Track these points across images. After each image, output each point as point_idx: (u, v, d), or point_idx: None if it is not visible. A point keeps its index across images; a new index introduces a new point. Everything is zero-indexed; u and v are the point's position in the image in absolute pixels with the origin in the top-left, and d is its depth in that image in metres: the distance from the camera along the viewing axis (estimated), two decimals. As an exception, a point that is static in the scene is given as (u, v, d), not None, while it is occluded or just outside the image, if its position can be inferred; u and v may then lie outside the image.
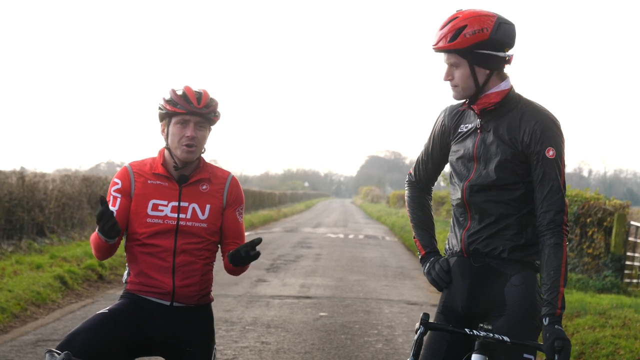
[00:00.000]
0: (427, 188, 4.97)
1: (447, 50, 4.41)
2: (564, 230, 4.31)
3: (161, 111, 4.82)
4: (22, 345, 9.84)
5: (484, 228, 4.47)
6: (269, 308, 13.42)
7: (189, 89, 4.81)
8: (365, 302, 14.50)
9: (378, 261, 23.05)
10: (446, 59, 4.45)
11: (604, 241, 17.15)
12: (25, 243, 19.00)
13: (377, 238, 35.08)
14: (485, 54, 4.40)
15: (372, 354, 10.07)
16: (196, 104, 4.75)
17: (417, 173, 4.95)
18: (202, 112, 4.76)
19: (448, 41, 4.38)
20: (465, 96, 4.49)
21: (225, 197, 4.93)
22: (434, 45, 4.45)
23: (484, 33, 4.36)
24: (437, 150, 4.79)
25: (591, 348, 9.82)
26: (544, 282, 4.22)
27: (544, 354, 4.04)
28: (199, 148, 4.82)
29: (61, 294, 13.89)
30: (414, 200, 4.95)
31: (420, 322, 4.12)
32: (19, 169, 20.97)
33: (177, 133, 4.76)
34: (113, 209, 4.78)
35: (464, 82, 4.45)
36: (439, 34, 4.42)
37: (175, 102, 4.74)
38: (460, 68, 4.43)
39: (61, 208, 22.25)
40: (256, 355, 9.68)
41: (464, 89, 4.46)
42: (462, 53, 4.40)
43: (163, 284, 4.75)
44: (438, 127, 4.76)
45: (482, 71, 4.44)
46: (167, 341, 4.75)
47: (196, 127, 4.77)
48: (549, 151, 4.34)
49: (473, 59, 4.41)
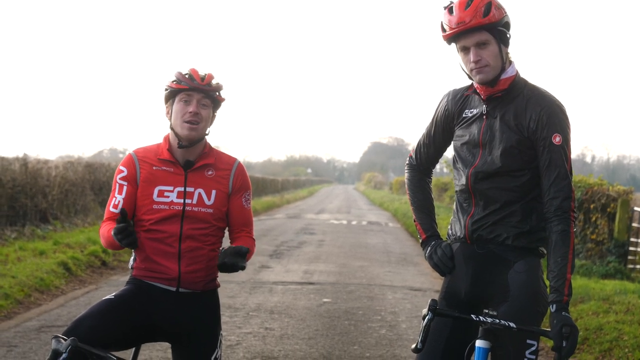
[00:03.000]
0: (428, 171, 4.93)
1: (480, 27, 4.26)
2: (572, 216, 4.28)
3: (166, 91, 4.84)
4: (26, 331, 9.85)
5: (488, 215, 4.44)
6: (273, 294, 13.43)
7: (194, 70, 4.85)
8: (369, 288, 14.51)
9: (381, 247, 23.06)
10: (473, 38, 4.30)
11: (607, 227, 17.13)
12: (28, 229, 19.00)
13: (380, 224, 35.09)
14: (504, 32, 4.36)
15: (376, 339, 10.07)
16: (200, 81, 4.78)
17: (417, 156, 4.90)
18: (205, 89, 4.77)
19: (482, 16, 4.25)
20: (494, 76, 4.36)
21: (231, 183, 4.92)
22: (468, 22, 4.26)
23: (503, 10, 4.32)
24: (439, 133, 4.74)
25: (595, 334, 9.81)
26: (551, 269, 4.20)
27: (551, 340, 4.02)
28: (201, 126, 4.80)
29: (65, 280, 13.91)
30: (414, 183, 4.91)
31: (429, 309, 4.09)
32: (22, 155, 20.97)
33: (180, 110, 4.77)
34: (120, 197, 4.80)
35: (495, 61, 4.34)
36: (466, 12, 4.26)
37: (180, 80, 4.78)
38: (490, 46, 4.32)
39: (64, 194, 22.25)
40: (260, 341, 9.69)
41: (494, 68, 4.35)
42: (492, 29, 4.29)
43: (169, 269, 4.73)
44: (441, 110, 4.70)
45: (505, 50, 4.38)
46: (173, 327, 4.74)
47: (199, 104, 4.79)
48: (556, 137, 4.30)
49: (500, 36, 4.34)
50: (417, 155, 4.91)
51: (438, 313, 4.12)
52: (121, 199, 4.79)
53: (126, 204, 4.79)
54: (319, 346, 9.56)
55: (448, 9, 4.39)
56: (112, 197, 4.84)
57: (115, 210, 4.79)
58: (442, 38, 4.44)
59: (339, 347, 9.55)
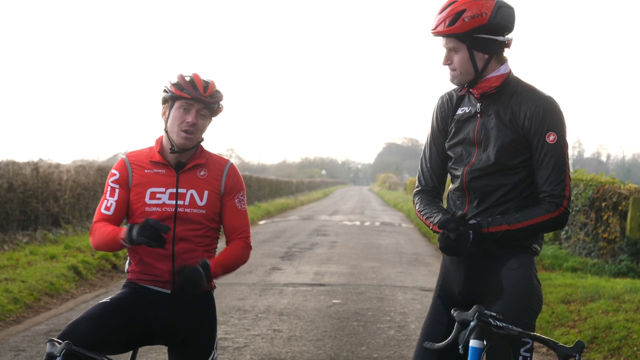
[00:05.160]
0: (436, 191, 4.75)
1: (445, 35, 4.38)
2: (562, 205, 4.31)
3: (166, 94, 4.81)
4: (34, 336, 9.87)
5: (481, 212, 4.44)
6: (282, 296, 13.42)
7: (197, 76, 4.81)
8: (379, 289, 14.48)
9: (393, 248, 23.02)
10: (445, 43, 4.42)
11: (619, 225, 17.03)
12: (40, 234, 19.07)
13: (394, 225, 35.03)
14: (484, 39, 4.37)
15: (384, 340, 10.05)
16: (202, 91, 4.74)
17: (422, 177, 4.77)
18: (207, 101, 4.76)
19: (447, 25, 4.35)
20: (464, 81, 4.46)
21: (223, 184, 4.89)
22: (433, 29, 4.41)
23: (483, 17, 4.32)
24: (439, 138, 4.70)
25: (604, 332, 9.77)
26: (512, 214, 4.33)
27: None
28: (196, 135, 4.80)
29: (75, 284, 13.94)
30: (424, 203, 4.69)
31: (475, 316, 3.88)
32: (36, 160, 21.04)
33: (179, 117, 4.75)
34: (112, 200, 4.81)
35: (463, 67, 4.41)
36: (437, 18, 4.39)
37: (182, 87, 4.74)
38: (459, 53, 4.40)
39: (76, 198, 22.30)
40: (268, 343, 9.68)
41: (462, 74, 4.43)
42: (460, 38, 4.37)
43: (163, 272, 4.73)
44: (437, 113, 4.70)
45: (480, 56, 4.41)
46: (169, 329, 4.74)
47: (198, 114, 4.77)
48: (550, 135, 4.33)
49: (472, 44, 4.38)
50: (420, 177, 4.79)
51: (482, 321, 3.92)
52: (113, 201, 4.81)
53: (118, 207, 4.80)
54: (326, 347, 9.54)
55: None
56: (104, 199, 4.86)
57: (106, 212, 4.80)
58: None
59: (347, 348, 9.53)
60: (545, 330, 10.44)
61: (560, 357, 3.89)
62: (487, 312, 4.01)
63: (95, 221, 4.84)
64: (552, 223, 4.33)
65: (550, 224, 4.33)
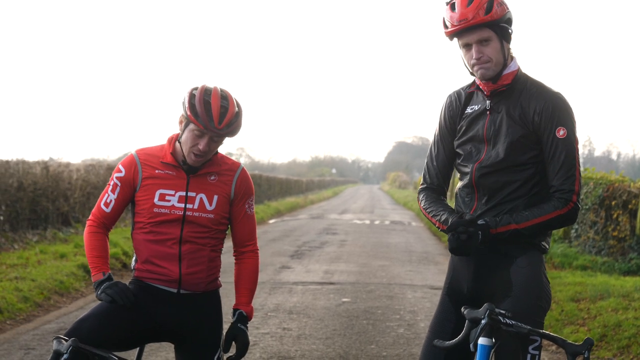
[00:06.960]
0: (441, 189, 4.77)
1: (483, 23, 4.29)
2: (570, 202, 4.29)
3: (183, 109, 4.65)
4: (44, 334, 9.88)
5: (490, 209, 4.43)
6: (292, 294, 13.42)
7: (215, 98, 4.59)
8: (389, 288, 14.47)
9: (403, 246, 22.99)
10: (475, 35, 4.33)
11: (629, 223, 16.94)
12: (50, 233, 19.10)
13: (403, 224, 34.98)
14: (506, 28, 4.37)
15: (394, 338, 10.04)
16: (217, 123, 4.56)
17: (427, 175, 4.78)
18: (220, 133, 4.61)
19: (485, 13, 4.28)
20: (496, 72, 4.39)
21: (234, 188, 4.83)
22: (470, 20, 4.29)
23: (505, 6, 4.33)
24: (446, 136, 4.68)
25: (613, 330, 9.74)
26: (520, 213, 4.32)
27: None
28: (208, 156, 4.72)
29: (85, 282, 13.94)
30: (429, 198, 4.73)
31: (486, 314, 3.87)
32: (46, 159, 21.08)
33: (191, 140, 4.63)
34: (113, 197, 4.81)
35: (497, 57, 4.37)
36: (468, 9, 4.29)
37: (197, 114, 4.55)
38: (492, 42, 4.35)
39: (86, 197, 22.33)
40: (277, 341, 9.68)
41: (496, 65, 4.39)
42: (494, 26, 4.31)
43: (170, 271, 4.71)
44: (446, 111, 4.68)
45: (507, 46, 4.41)
46: (175, 328, 4.72)
47: (211, 140, 4.64)
48: (560, 130, 4.32)
49: (502, 33, 4.36)
50: (426, 174, 4.79)
51: (493, 319, 3.92)
52: (113, 198, 4.80)
53: (117, 205, 4.81)
54: (335, 346, 9.53)
55: (450, 5, 4.41)
56: (105, 194, 4.83)
57: (105, 209, 4.83)
58: (444, 34, 4.44)
59: (356, 347, 9.52)
60: (554, 328, 10.41)
61: (569, 355, 3.88)
62: (497, 310, 3.99)
63: (92, 218, 4.88)
64: (561, 220, 4.32)
65: (559, 220, 4.32)
